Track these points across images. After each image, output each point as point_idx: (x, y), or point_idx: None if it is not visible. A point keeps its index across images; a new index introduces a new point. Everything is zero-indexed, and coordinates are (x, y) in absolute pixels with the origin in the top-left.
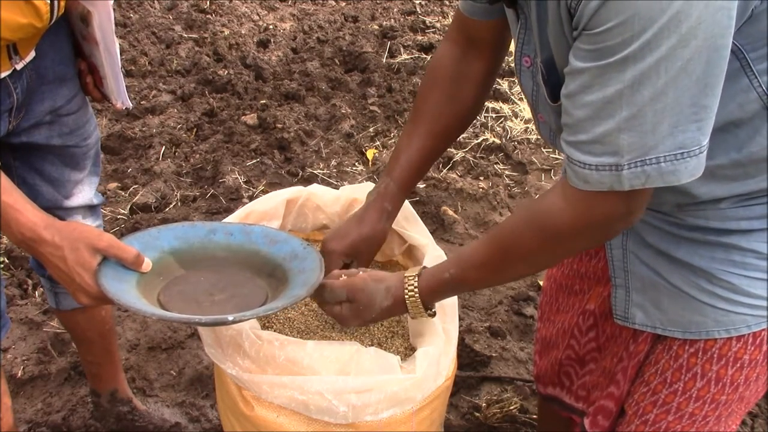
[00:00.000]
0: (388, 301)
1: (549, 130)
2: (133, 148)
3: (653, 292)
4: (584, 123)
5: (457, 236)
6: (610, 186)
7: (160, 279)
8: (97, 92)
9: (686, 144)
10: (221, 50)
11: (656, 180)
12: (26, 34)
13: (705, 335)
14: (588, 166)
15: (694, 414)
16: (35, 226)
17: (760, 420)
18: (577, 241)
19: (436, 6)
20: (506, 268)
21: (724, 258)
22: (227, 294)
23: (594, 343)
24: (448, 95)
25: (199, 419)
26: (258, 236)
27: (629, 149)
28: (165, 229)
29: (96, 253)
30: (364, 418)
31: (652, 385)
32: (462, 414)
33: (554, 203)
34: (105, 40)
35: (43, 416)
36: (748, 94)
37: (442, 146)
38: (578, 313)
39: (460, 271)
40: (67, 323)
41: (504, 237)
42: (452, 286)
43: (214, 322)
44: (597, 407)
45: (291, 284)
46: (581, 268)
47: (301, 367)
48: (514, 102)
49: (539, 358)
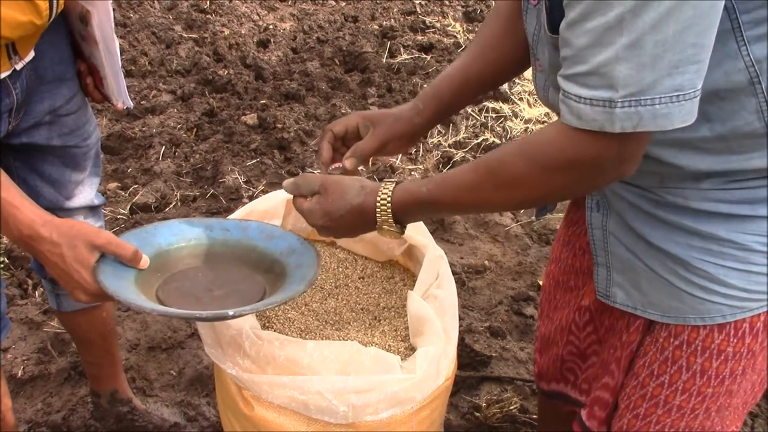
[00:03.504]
0: (359, 199)
1: (544, 79)
2: (133, 148)
3: (633, 273)
4: (583, 52)
5: (457, 236)
6: (602, 125)
7: (157, 276)
8: (97, 93)
9: (683, 86)
10: (221, 50)
11: (648, 123)
12: (26, 32)
13: (682, 321)
14: (582, 100)
15: (682, 407)
16: (33, 224)
17: (760, 420)
18: (565, 177)
19: (436, 6)
20: (487, 195)
21: (701, 246)
22: (226, 290)
23: (594, 336)
24: (507, 28)
25: (199, 419)
26: (255, 232)
27: (625, 83)
28: (162, 226)
29: (94, 250)
30: (364, 418)
31: (641, 377)
32: (462, 414)
33: (548, 136)
34: (105, 40)
35: (43, 416)
36: (735, 62)
37: (491, 76)
38: (574, 309)
39: (438, 190)
40: (68, 324)
41: (491, 163)
42: (427, 204)
43: (215, 317)
44: (593, 398)
45: (289, 279)
46: (576, 263)
47: (301, 367)
48: (514, 102)
49: (539, 356)
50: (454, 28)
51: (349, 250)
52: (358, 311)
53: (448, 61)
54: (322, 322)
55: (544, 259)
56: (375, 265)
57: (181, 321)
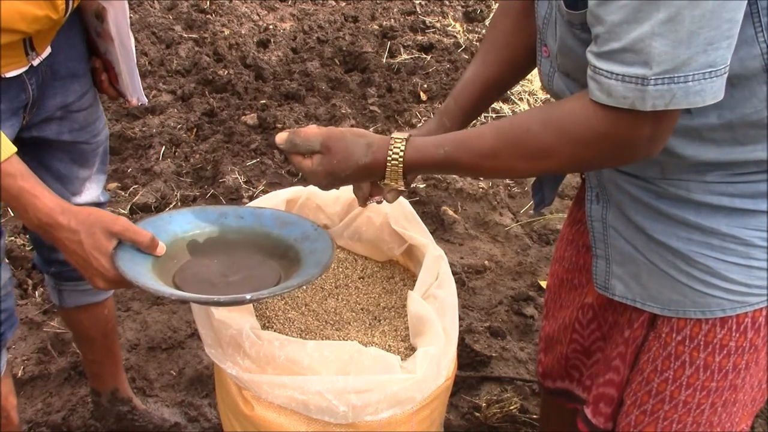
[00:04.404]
0: (368, 159)
1: (549, 66)
2: (133, 148)
3: (632, 266)
4: (618, 28)
5: (457, 236)
6: (632, 103)
7: (173, 262)
8: (112, 90)
9: (716, 62)
10: (221, 50)
11: (681, 100)
12: (42, 27)
13: (683, 314)
14: (615, 76)
15: (688, 402)
16: (51, 211)
17: (760, 420)
18: (595, 152)
19: (436, 6)
20: (510, 163)
21: (702, 241)
22: (241, 275)
23: (598, 333)
24: (517, 25)
25: (199, 419)
26: (269, 219)
27: (660, 60)
28: (177, 214)
29: (111, 236)
30: (364, 418)
31: (646, 373)
32: (462, 414)
33: (577, 107)
34: (120, 36)
35: (43, 416)
36: (752, 48)
37: (509, 76)
38: (577, 307)
39: (456, 153)
40: (69, 321)
41: (516, 131)
42: (442, 166)
43: (233, 302)
44: (597, 395)
45: (304, 264)
46: (580, 261)
47: (301, 367)
48: (514, 102)
49: (544, 356)
50: (454, 28)
51: (349, 250)
52: (358, 311)
53: (448, 61)
54: (322, 322)
55: (544, 259)
56: (375, 265)
57: (181, 322)
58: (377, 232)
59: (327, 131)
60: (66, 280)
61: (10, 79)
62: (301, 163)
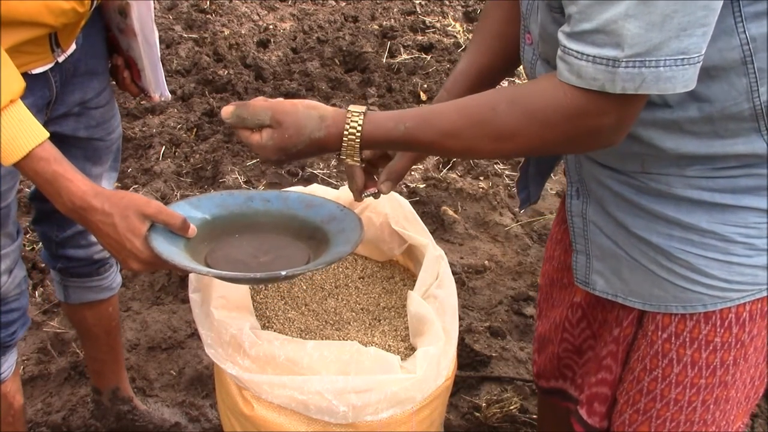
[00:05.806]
0: (321, 133)
1: (532, 53)
2: (133, 148)
3: (613, 261)
4: (590, 9)
5: (457, 236)
6: (602, 85)
7: (204, 244)
8: (133, 87)
9: (689, 49)
10: (221, 50)
11: (651, 85)
12: (69, 20)
13: (664, 309)
14: (585, 57)
15: (678, 400)
16: (85, 195)
17: (760, 420)
18: (557, 132)
19: (436, 6)
20: (474, 143)
21: (682, 237)
22: (272, 255)
23: (588, 331)
24: (509, 15)
25: (199, 419)
26: (294, 202)
27: (632, 42)
28: (204, 198)
29: (145, 219)
30: (364, 418)
31: (636, 372)
32: (462, 414)
33: (545, 88)
34: (144, 31)
35: (43, 416)
36: (731, 39)
37: (501, 66)
38: (567, 306)
39: (417, 131)
40: (73, 318)
41: (481, 109)
42: (402, 143)
43: (268, 278)
44: (590, 394)
45: (333, 243)
46: (568, 260)
47: (301, 367)
48: None
49: (538, 356)
50: (454, 28)
51: None
52: (358, 311)
53: (448, 61)
54: (322, 322)
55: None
56: (375, 265)
57: (181, 322)
58: (377, 232)
59: (276, 103)
60: (72, 276)
61: (35, 75)
62: (249, 138)
